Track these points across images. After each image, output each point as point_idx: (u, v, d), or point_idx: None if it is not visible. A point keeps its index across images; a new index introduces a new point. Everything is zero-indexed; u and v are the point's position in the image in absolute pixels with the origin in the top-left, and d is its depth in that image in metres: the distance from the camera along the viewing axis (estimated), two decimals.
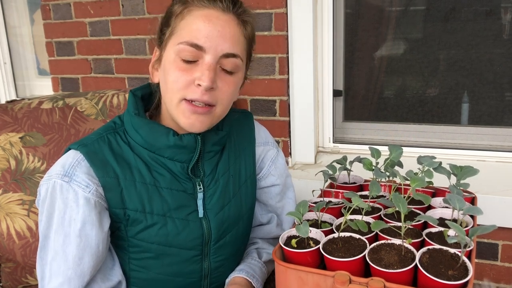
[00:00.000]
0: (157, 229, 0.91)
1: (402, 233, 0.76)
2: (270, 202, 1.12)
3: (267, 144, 1.10)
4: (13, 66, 2.47)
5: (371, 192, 0.87)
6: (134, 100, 0.94)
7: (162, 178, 0.91)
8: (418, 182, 0.84)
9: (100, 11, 1.84)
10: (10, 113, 1.29)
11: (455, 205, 0.77)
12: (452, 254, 0.72)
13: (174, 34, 0.86)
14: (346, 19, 1.68)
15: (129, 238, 0.91)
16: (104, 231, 0.87)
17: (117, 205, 0.88)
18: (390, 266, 0.70)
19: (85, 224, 0.85)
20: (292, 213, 0.83)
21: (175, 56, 0.85)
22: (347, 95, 1.76)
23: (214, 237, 0.96)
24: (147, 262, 0.94)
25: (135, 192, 0.89)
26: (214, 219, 0.95)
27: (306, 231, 0.79)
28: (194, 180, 0.94)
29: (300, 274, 0.75)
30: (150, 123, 0.91)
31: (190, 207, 0.93)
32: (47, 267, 0.86)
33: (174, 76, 0.85)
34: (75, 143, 0.90)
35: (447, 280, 0.66)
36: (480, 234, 0.71)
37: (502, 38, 1.54)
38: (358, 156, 1.03)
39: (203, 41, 0.83)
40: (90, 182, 0.85)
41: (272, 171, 1.09)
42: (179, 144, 0.89)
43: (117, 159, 0.89)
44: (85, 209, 0.84)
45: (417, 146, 1.65)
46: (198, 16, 0.84)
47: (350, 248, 0.77)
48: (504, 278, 1.46)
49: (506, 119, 1.59)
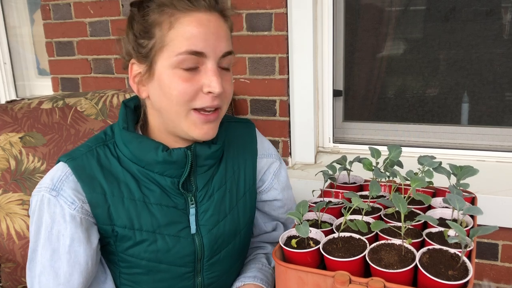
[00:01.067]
0: (146, 245, 0.89)
1: (402, 233, 0.76)
2: (273, 214, 1.10)
3: (270, 156, 1.07)
4: (13, 66, 2.47)
5: (371, 192, 0.87)
6: (125, 111, 0.91)
7: (152, 194, 0.89)
8: (419, 182, 0.84)
9: (100, 11, 1.84)
10: (10, 113, 1.29)
11: (455, 205, 0.77)
12: (452, 254, 0.72)
13: (165, 45, 0.81)
14: (346, 19, 1.68)
15: (119, 253, 0.90)
16: (93, 247, 0.86)
17: (104, 222, 0.87)
18: (390, 266, 0.70)
19: (73, 240, 0.84)
20: (292, 213, 0.83)
21: (174, 68, 0.81)
22: (347, 95, 1.76)
23: (207, 254, 0.93)
24: (137, 278, 0.92)
25: (123, 208, 0.87)
26: (207, 235, 0.93)
27: (306, 231, 0.79)
28: (186, 195, 0.91)
29: (300, 274, 0.75)
30: (139, 137, 0.88)
31: (182, 223, 0.91)
32: (35, 280, 0.86)
33: (181, 88, 0.81)
34: (64, 155, 0.88)
35: (447, 280, 0.66)
36: (480, 235, 0.71)
37: (502, 38, 1.54)
38: (358, 156, 1.02)
39: (201, 47, 0.81)
40: (76, 198, 0.84)
41: (274, 185, 1.07)
42: (168, 159, 0.87)
43: (104, 174, 0.87)
44: (71, 226, 0.84)
45: (417, 146, 1.65)
46: (189, 22, 0.80)
47: (350, 248, 0.77)
48: (504, 278, 1.46)
49: (506, 119, 1.59)
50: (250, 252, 1.11)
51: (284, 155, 1.68)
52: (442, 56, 1.62)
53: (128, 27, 0.87)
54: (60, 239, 0.84)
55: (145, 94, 0.88)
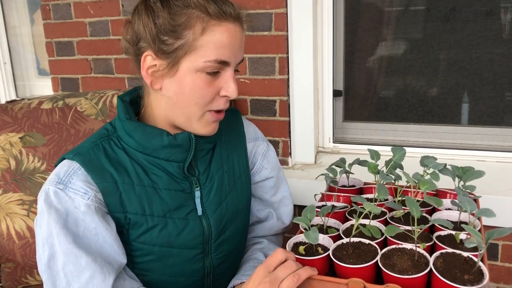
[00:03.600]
0: (158, 230, 0.91)
1: (416, 237, 0.74)
2: (266, 197, 1.12)
3: (257, 139, 1.12)
4: (13, 66, 2.46)
5: (378, 195, 0.85)
6: (123, 105, 0.93)
7: (160, 180, 0.91)
8: (428, 185, 0.83)
9: (100, 11, 1.84)
10: (10, 113, 1.29)
11: (466, 208, 0.75)
12: (466, 258, 0.70)
13: (194, 49, 0.83)
14: (346, 19, 1.68)
15: (131, 242, 0.91)
16: (114, 231, 0.86)
17: (117, 210, 0.88)
18: (404, 271, 0.69)
19: (96, 225, 0.84)
20: (300, 219, 0.81)
21: (197, 71, 0.84)
22: (347, 95, 1.76)
23: (214, 234, 0.97)
24: (150, 265, 0.93)
25: (134, 195, 0.89)
26: (213, 216, 0.96)
27: (316, 237, 0.76)
28: (191, 179, 0.95)
29: (312, 283, 0.73)
30: (142, 125, 0.91)
31: (189, 206, 0.94)
32: (60, 274, 0.81)
33: (203, 92, 0.86)
34: (69, 153, 0.89)
35: (463, 285, 0.64)
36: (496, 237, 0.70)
37: (502, 38, 1.54)
38: (358, 159, 1.01)
39: (228, 57, 0.85)
40: (88, 189, 0.85)
41: (264, 164, 1.11)
42: (173, 143, 0.90)
43: (113, 164, 0.89)
44: (88, 215, 0.84)
45: (417, 146, 1.65)
46: (221, 32, 0.83)
47: (361, 254, 0.75)
48: (504, 278, 1.46)
49: (506, 119, 1.58)
50: (247, 248, 1.13)
51: (284, 155, 1.68)
52: (442, 56, 1.62)
53: (148, 17, 0.85)
54: (80, 225, 0.83)
55: (158, 86, 0.89)
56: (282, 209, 1.14)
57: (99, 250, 0.84)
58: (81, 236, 0.83)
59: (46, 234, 0.83)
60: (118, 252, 0.86)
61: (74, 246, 0.81)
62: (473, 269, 0.68)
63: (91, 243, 0.83)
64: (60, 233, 0.82)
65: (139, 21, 0.87)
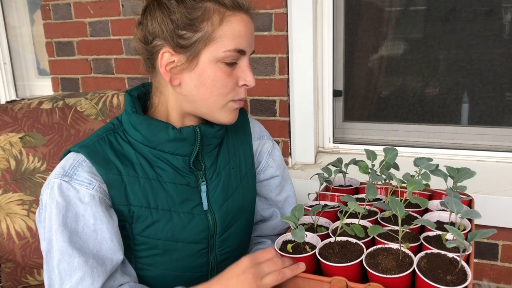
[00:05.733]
0: (163, 224, 0.91)
1: (400, 237, 0.75)
2: (270, 195, 1.12)
3: (262, 138, 1.12)
4: (13, 66, 2.47)
5: (367, 195, 0.85)
6: (131, 99, 0.94)
7: (165, 173, 0.92)
8: (415, 185, 0.83)
9: (100, 11, 1.84)
10: (10, 113, 1.29)
11: (453, 209, 0.76)
12: (451, 259, 0.71)
13: (213, 40, 0.85)
14: (346, 19, 1.68)
15: (134, 236, 0.91)
16: (115, 224, 0.87)
17: (121, 202, 0.88)
18: (388, 271, 0.69)
19: (96, 219, 0.84)
20: (287, 218, 0.82)
21: (217, 61, 0.87)
22: (347, 95, 1.76)
23: (219, 229, 0.97)
24: (154, 259, 0.93)
25: (139, 187, 0.89)
26: (219, 211, 0.96)
27: (302, 236, 0.78)
28: (197, 173, 0.95)
29: (296, 280, 0.74)
30: (148, 119, 0.91)
31: (195, 200, 0.94)
32: (54, 271, 0.83)
33: (224, 82, 0.88)
34: (75, 146, 0.90)
35: (445, 285, 0.65)
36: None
37: (502, 38, 1.54)
38: (354, 159, 1.01)
39: (245, 46, 0.88)
40: (93, 179, 0.85)
41: (270, 163, 1.11)
42: (179, 137, 0.90)
43: (119, 157, 0.89)
44: (92, 205, 0.84)
45: (417, 146, 1.65)
46: (238, 22, 0.87)
47: (347, 253, 0.76)
48: (504, 278, 1.46)
49: (506, 119, 1.59)
50: (250, 248, 1.13)
51: (284, 155, 1.68)
52: (442, 56, 1.62)
53: (163, 14, 0.86)
54: (80, 220, 0.83)
55: (177, 82, 0.90)
56: (287, 209, 1.14)
57: (96, 248, 0.84)
58: (80, 232, 0.83)
59: (48, 227, 0.84)
60: (115, 249, 0.86)
61: (68, 246, 0.82)
62: (457, 269, 0.68)
63: (89, 240, 0.84)
64: (58, 229, 0.82)
65: (152, 19, 0.88)
